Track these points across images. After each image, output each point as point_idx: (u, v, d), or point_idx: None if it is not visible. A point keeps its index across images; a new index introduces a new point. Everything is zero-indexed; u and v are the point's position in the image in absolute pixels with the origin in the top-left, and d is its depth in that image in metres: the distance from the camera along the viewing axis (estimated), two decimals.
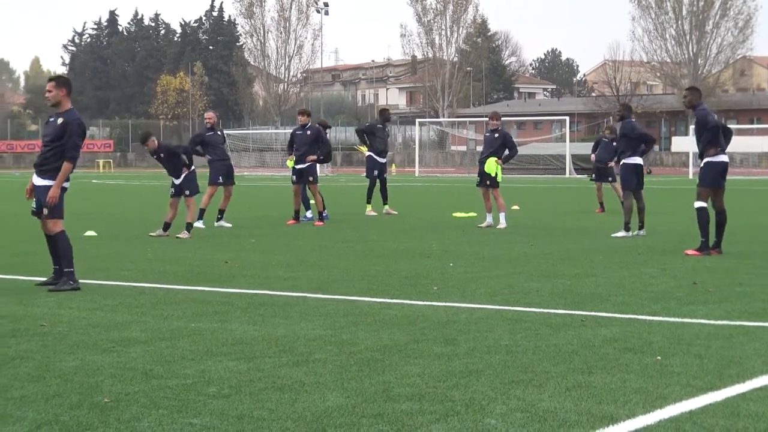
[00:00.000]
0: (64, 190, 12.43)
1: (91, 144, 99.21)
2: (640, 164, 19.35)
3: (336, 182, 48.62)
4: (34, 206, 12.55)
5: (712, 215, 16.05)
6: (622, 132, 19.41)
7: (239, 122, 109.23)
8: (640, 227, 19.37)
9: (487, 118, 22.38)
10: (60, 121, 12.30)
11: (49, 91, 12.42)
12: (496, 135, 21.60)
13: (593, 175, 27.41)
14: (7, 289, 12.37)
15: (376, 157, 25.86)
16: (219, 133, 22.61)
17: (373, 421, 6.38)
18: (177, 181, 19.57)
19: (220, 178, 21.95)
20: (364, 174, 26.71)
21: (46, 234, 12.64)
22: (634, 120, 19.92)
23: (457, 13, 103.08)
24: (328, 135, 24.62)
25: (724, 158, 16.07)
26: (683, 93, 16.91)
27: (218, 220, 22.13)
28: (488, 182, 21.49)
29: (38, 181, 12.43)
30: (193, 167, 19.73)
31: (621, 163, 19.35)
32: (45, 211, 12.36)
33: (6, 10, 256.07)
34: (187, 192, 19.49)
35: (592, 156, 27.19)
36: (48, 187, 12.28)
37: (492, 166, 21.36)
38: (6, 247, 17.66)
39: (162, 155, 19.50)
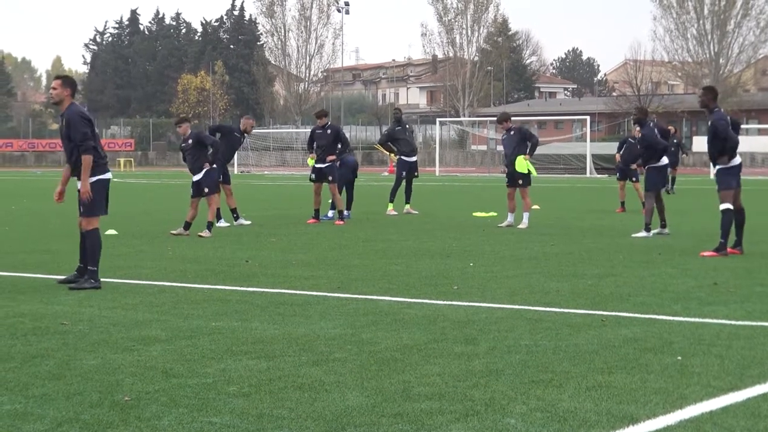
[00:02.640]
0: (104, 183, 12.54)
1: (113, 143, 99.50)
2: (666, 165, 19.32)
3: (356, 181, 48.53)
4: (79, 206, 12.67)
5: None
6: (646, 143, 19.28)
7: (260, 121, 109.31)
8: (663, 226, 19.31)
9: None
10: (64, 120, 12.41)
11: (54, 89, 12.51)
12: (512, 132, 21.58)
13: (618, 174, 27.47)
14: (29, 287, 12.42)
15: (405, 159, 25.85)
16: (243, 138, 22.72)
17: (393, 420, 6.38)
18: (196, 178, 19.61)
19: (221, 176, 21.89)
20: (385, 173, 26.78)
21: (81, 231, 12.72)
22: (652, 125, 19.84)
23: (477, 12, 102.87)
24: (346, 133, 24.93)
25: (737, 161, 16.01)
26: (698, 92, 16.72)
27: (236, 218, 22.20)
28: (520, 181, 21.43)
29: (78, 183, 12.54)
30: (214, 165, 19.77)
31: (648, 167, 19.23)
32: (81, 208, 12.46)
33: (28, 9, 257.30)
34: (207, 190, 19.52)
35: (617, 156, 27.33)
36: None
37: (522, 164, 21.32)
38: (27, 245, 17.72)
39: (190, 141, 19.55)
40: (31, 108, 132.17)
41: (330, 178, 22.77)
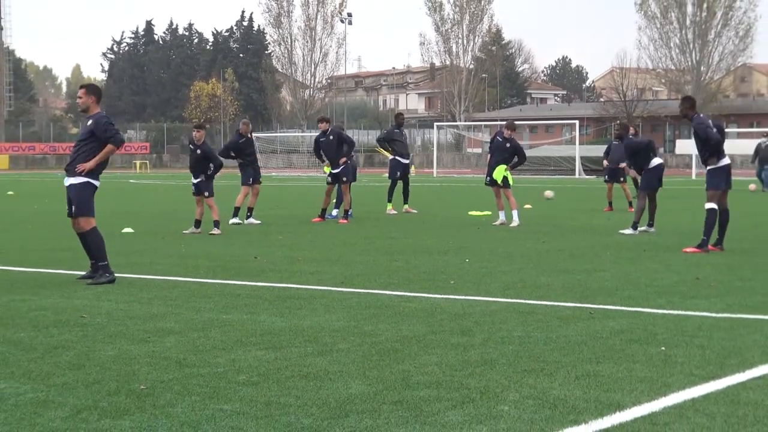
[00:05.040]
0: (93, 188, 12.48)
1: (129, 146, 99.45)
2: (661, 165, 19.26)
3: (358, 182, 48.53)
4: (68, 207, 12.62)
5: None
6: (632, 151, 19.36)
7: (268, 126, 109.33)
8: (650, 224, 19.31)
9: (502, 123, 22.26)
10: (89, 122, 12.42)
11: (80, 98, 12.61)
12: (508, 145, 21.56)
13: (606, 177, 27.41)
14: (50, 283, 12.42)
15: (400, 159, 25.96)
16: (249, 137, 22.62)
17: (393, 407, 6.38)
18: (194, 180, 19.71)
19: (251, 179, 22.10)
20: (386, 175, 26.76)
21: (78, 233, 12.68)
22: (632, 136, 19.96)
23: (473, 22, 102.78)
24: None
25: (726, 161, 16.02)
26: (679, 104, 16.68)
27: (248, 217, 22.22)
28: (500, 183, 21.50)
29: (67, 181, 12.50)
30: (211, 176, 19.77)
31: (643, 170, 19.22)
32: (74, 208, 12.41)
33: (49, 20, 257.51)
34: (206, 193, 19.60)
35: (605, 162, 27.36)
36: (76, 185, 12.35)
37: (500, 173, 21.37)
38: (48, 243, 17.73)
39: (199, 151, 19.63)
40: (52, 113, 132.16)
41: (344, 179, 22.97)
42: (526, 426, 5.98)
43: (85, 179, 12.39)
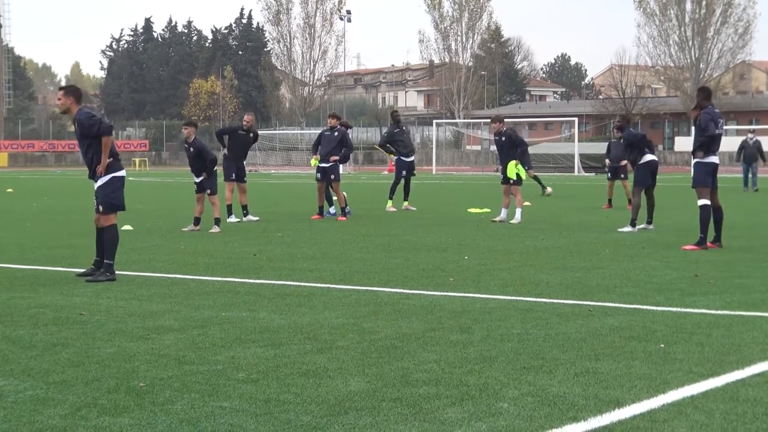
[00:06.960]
0: (120, 180, 12.62)
1: (128, 144, 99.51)
2: (654, 161, 19.21)
3: (357, 179, 48.50)
4: (96, 205, 12.74)
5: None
6: (628, 142, 19.34)
7: (267, 123, 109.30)
8: (649, 222, 19.29)
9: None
10: (76, 124, 12.49)
11: (59, 99, 12.62)
12: (503, 138, 21.61)
13: (609, 174, 27.41)
14: (50, 280, 12.42)
15: (403, 159, 25.95)
16: (251, 135, 22.54)
17: (393, 404, 6.38)
18: (196, 179, 19.69)
19: (233, 174, 22.01)
20: (385, 172, 26.71)
21: (97, 227, 12.75)
22: (632, 129, 19.93)
23: (472, 20, 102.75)
24: (350, 135, 24.84)
25: (713, 159, 15.96)
26: (696, 95, 16.82)
27: (245, 215, 22.21)
28: (511, 181, 21.47)
29: (96, 185, 12.63)
30: (213, 175, 19.74)
31: (636, 164, 19.22)
32: (100, 207, 12.51)
33: (48, 17, 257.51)
34: (209, 191, 19.57)
35: (607, 161, 27.38)
36: (103, 185, 12.49)
37: (512, 170, 21.34)
38: (48, 241, 17.72)
39: (191, 150, 19.58)
40: (51, 111, 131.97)
41: (333, 176, 22.86)
42: (525, 423, 5.98)
43: (109, 176, 12.50)
